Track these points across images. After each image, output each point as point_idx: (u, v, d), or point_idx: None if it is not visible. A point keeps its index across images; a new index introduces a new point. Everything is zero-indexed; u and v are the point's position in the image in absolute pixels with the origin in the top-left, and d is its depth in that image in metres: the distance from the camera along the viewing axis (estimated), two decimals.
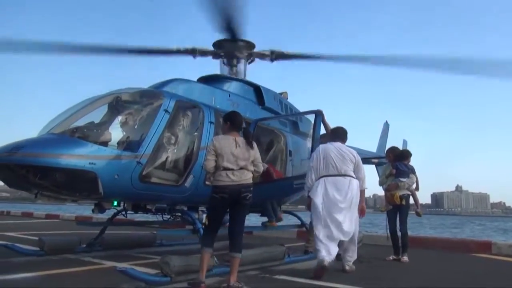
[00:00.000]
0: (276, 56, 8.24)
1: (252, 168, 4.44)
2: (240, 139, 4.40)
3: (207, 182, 5.55)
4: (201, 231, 5.65)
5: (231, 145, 4.30)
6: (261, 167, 4.62)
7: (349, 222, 5.35)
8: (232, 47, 7.88)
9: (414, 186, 7.02)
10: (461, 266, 6.67)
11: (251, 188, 4.38)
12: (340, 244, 5.43)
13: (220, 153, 4.26)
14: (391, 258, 6.81)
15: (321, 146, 5.69)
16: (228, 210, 4.43)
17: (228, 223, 4.54)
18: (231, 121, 4.52)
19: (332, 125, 6.48)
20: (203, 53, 7.96)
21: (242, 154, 4.32)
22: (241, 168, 4.31)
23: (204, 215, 6.04)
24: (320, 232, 5.25)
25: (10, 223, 13.47)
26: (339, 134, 5.81)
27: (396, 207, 6.83)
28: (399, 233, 6.85)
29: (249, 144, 4.39)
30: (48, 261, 5.75)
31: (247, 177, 4.37)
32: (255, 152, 4.47)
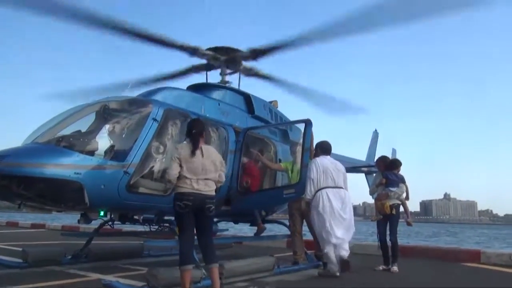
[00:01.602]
0: (257, 53, 7.93)
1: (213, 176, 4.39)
2: (205, 147, 4.43)
3: None
4: None
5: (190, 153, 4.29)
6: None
7: (347, 229, 6.07)
8: (225, 55, 7.83)
9: (404, 195, 7.02)
10: (450, 276, 6.67)
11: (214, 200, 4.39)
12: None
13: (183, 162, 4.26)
14: (381, 268, 6.76)
15: (318, 160, 6.31)
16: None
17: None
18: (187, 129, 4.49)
19: (316, 134, 6.87)
20: (201, 55, 7.86)
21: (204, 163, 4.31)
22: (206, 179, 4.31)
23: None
24: (326, 237, 5.93)
25: None
26: (328, 148, 6.55)
27: (386, 216, 6.82)
28: (389, 243, 6.83)
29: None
30: (31, 274, 5.60)
31: (211, 188, 4.36)
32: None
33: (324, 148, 6.51)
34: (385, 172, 7.06)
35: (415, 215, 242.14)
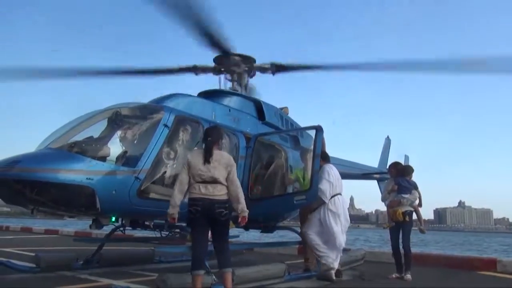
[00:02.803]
0: (277, 68, 8.22)
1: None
2: (216, 152, 4.38)
3: None
4: None
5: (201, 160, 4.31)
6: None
7: (344, 234, 6.30)
8: (230, 62, 7.88)
9: (417, 202, 6.92)
10: (465, 285, 6.53)
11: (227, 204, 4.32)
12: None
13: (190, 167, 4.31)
14: (394, 276, 6.66)
15: (331, 166, 6.54)
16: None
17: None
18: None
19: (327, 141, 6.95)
20: (204, 70, 7.97)
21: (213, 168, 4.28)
22: (214, 182, 4.27)
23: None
24: (335, 242, 6.07)
25: (9, 238, 13.34)
26: (329, 158, 6.81)
27: (399, 223, 6.72)
28: (402, 250, 6.72)
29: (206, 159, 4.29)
30: (43, 278, 5.65)
31: (221, 192, 4.30)
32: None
33: (327, 157, 6.74)
34: (397, 178, 6.97)
35: (429, 223, 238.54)
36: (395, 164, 7.51)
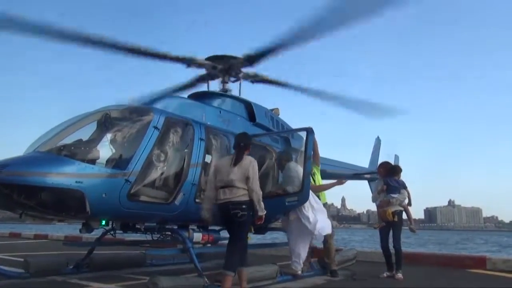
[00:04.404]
0: (259, 79, 8.34)
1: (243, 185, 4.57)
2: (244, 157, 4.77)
3: None
4: (191, 250, 5.55)
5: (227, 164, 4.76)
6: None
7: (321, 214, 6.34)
8: (223, 63, 7.86)
9: (406, 201, 6.97)
10: (455, 283, 6.59)
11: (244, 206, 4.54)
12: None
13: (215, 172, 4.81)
14: (385, 275, 6.70)
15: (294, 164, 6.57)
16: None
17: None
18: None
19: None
20: (197, 64, 7.90)
21: (232, 172, 4.60)
22: (230, 186, 4.50)
23: (195, 234, 5.94)
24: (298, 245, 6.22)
25: None
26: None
27: (389, 223, 6.77)
28: (392, 250, 6.76)
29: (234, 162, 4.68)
30: (32, 284, 5.58)
31: (237, 194, 4.52)
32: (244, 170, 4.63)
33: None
34: (386, 178, 7.01)
35: (419, 223, 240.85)
36: (384, 164, 7.55)
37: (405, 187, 6.96)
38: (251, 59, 7.71)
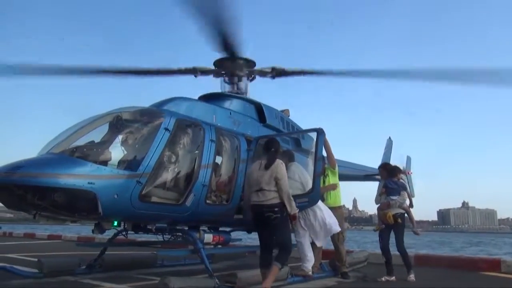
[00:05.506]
0: (277, 73, 8.29)
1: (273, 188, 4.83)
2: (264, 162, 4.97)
3: None
4: (202, 251, 5.58)
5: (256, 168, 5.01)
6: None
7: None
8: (232, 65, 7.90)
9: (407, 203, 6.78)
10: (468, 285, 6.50)
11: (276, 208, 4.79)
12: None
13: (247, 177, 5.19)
14: (383, 279, 6.46)
15: (296, 165, 6.39)
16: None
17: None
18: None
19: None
20: (204, 72, 7.99)
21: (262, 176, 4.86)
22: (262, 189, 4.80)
23: (206, 235, 5.97)
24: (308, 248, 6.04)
25: (12, 244, 13.35)
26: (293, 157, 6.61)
27: (391, 226, 6.62)
28: (395, 253, 6.62)
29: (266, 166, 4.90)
30: (46, 284, 5.65)
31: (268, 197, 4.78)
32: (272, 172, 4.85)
33: (292, 156, 6.72)
34: (385, 180, 6.92)
35: (433, 224, 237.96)
36: (384, 166, 7.46)
37: (405, 189, 6.82)
38: (275, 73, 7.89)
